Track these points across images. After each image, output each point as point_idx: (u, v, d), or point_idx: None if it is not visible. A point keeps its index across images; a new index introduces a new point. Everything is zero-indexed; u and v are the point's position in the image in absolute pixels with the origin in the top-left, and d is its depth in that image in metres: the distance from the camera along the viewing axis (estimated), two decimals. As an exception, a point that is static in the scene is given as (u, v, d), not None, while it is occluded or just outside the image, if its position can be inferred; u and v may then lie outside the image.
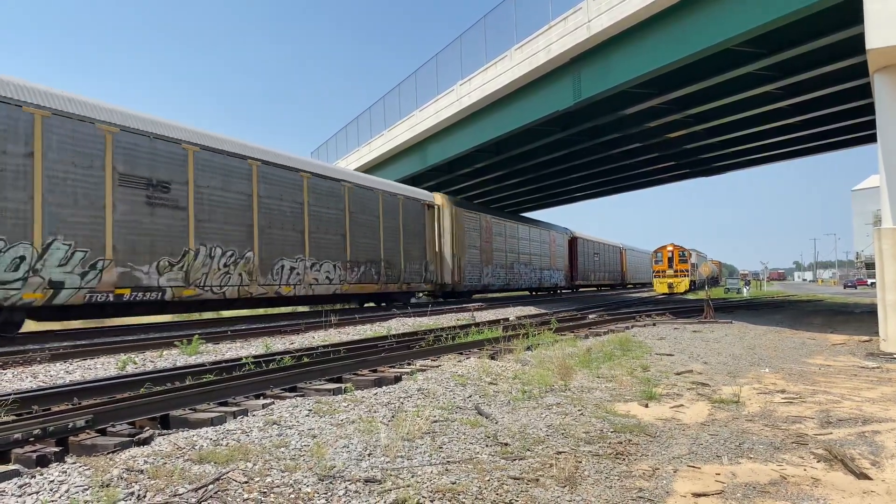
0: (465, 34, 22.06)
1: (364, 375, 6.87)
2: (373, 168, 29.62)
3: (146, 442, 4.14)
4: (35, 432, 3.95)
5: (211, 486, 3.28)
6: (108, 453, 3.86)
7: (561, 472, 3.69)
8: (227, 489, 3.26)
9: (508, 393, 6.11)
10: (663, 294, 38.98)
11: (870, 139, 23.45)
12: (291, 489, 3.30)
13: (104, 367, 8.13)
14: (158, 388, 5.96)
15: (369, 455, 3.93)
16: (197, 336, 10.11)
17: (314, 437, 4.28)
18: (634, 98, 17.67)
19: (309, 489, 3.31)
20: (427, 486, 3.39)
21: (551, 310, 20.92)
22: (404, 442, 4.23)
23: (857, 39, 12.00)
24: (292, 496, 3.22)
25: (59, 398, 5.61)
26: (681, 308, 20.84)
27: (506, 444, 4.30)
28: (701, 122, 20.25)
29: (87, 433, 4.21)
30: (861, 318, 17.64)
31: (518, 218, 34.28)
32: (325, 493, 3.27)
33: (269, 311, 19.24)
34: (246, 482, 3.36)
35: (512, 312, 19.42)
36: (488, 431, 4.61)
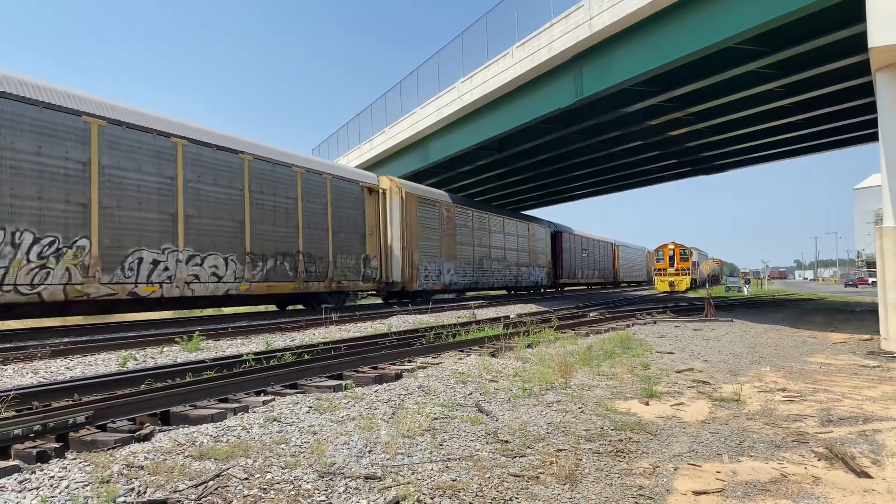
0: (467, 32, 22.05)
1: (365, 372, 6.87)
2: (374, 165, 29.57)
3: (146, 438, 4.14)
4: (35, 428, 3.95)
5: (211, 482, 3.28)
6: (109, 449, 3.86)
7: (561, 469, 3.69)
8: (228, 486, 3.26)
9: (509, 390, 6.11)
10: (664, 292, 38.97)
11: (871, 138, 23.40)
12: (292, 486, 3.30)
13: (105, 363, 8.15)
14: (159, 385, 5.97)
15: (370, 452, 3.93)
16: (198, 333, 10.13)
17: (314, 434, 4.28)
18: (636, 96, 17.64)
19: (309, 486, 3.31)
20: (427, 484, 3.39)
21: (551, 307, 20.94)
22: (405, 439, 4.23)
23: (860, 38, 11.96)
24: (292, 493, 3.22)
25: (60, 394, 5.62)
26: (681, 306, 20.84)
27: (506, 442, 4.30)
28: (702, 120, 20.23)
29: (88, 429, 4.21)
30: (862, 316, 17.63)
31: (489, 208, 30.71)
32: (326, 490, 3.27)
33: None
34: (246, 479, 3.36)
35: (513, 310, 19.44)
36: (489, 429, 4.61)
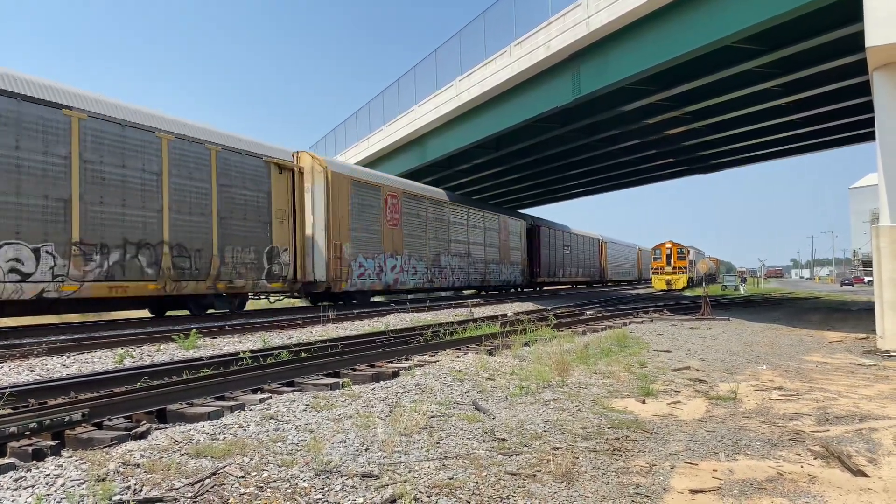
0: (465, 30, 22.05)
1: (362, 370, 6.87)
2: (372, 163, 29.49)
3: (143, 436, 4.13)
4: (31, 426, 3.94)
5: (207, 480, 3.28)
6: (105, 447, 3.85)
7: (558, 467, 3.69)
8: (224, 484, 3.25)
9: (506, 388, 6.11)
10: (661, 290, 39.05)
11: (868, 137, 23.47)
12: (288, 484, 3.30)
13: (101, 360, 8.12)
14: (155, 383, 5.96)
15: (366, 450, 3.93)
16: (194, 330, 10.10)
17: (311, 432, 4.28)
18: (633, 94, 17.65)
19: (306, 484, 3.31)
20: (424, 482, 3.38)
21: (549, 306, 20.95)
22: (401, 437, 4.22)
23: (857, 37, 12.00)
24: (289, 491, 3.21)
25: (56, 392, 5.61)
26: (678, 305, 20.88)
27: (503, 440, 4.30)
28: (700, 119, 20.26)
29: (84, 427, 4.19)
30: (858, 315, 17.69)
31: (451, 196, 26.82)
32: (322, 488, 3.26)
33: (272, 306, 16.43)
34: (242, 477, 3.36)
35: (510, 308, 19.45)
36: (486, 427, 4.61)
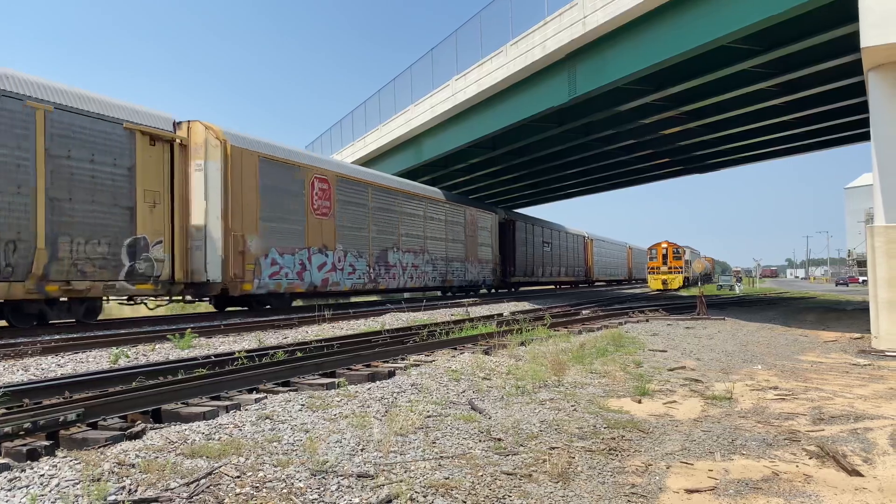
0: (461, 29, 22.04)
1: (357, 370, 6.85)
2: (367, 163, 29.44)
3: (138, 436, 4.11)
4: (25, 426, 3.91)
5: (203, 480, 3.27)
6: (100, 447, 3.83)
7: (554, 467, 3.69)
8: (219, 484, 3.24)
9: (502, 388, 6.11)
10: (657, 290, 39.14)
11: (863, 137, 23.55)
12: (284, 484, 3.29)
13: (96, 360, 8.09)
14: (150, 382, 5.93)
15: (362, 450, 3.92)
16: (189, 330, 10.06)
17: (307, 432, 4.27)
18: (629, 94, 17.66)
19: (301, 484, 3.30)
20: (420, 482, 3.38)
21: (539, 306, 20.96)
22: (397, 437, 4.22)
23: (852, 37, 12.01)
24: (284, 491, 3.20)
25: (51, 391, 5.57)
26: (674, 304, 20.93)
27: (499, 440, 4.30)
28: (696, 119, 20.29)
29: (79, 427, 4.17)
30: (853, 315, 17.77)
31: (401, 183, 22.57)
32: (318, 488, 3.25)
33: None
34: (238, 477, 3.35)
35: (505, 308, 19.46)
36: (482, 427, 4.61)
